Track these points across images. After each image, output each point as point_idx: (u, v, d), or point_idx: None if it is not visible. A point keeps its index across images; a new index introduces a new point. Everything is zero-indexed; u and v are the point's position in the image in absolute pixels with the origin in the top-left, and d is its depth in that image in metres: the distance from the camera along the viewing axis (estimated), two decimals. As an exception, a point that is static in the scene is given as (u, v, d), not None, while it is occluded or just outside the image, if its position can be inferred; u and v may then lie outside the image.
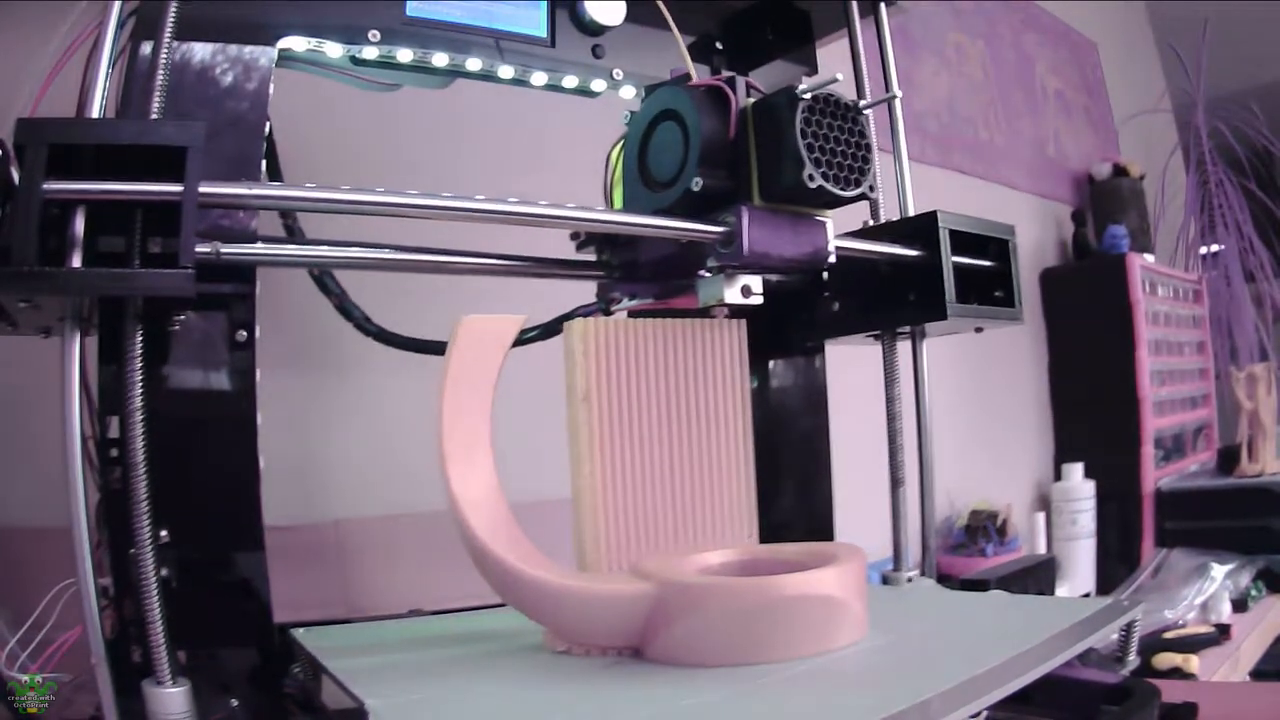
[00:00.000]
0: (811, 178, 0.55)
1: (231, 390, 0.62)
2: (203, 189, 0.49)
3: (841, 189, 0.56)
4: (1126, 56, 2.89)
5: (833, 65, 0.87)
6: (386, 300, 0.81)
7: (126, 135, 0.48)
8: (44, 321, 0.54)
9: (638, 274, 0.70)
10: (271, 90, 0.65)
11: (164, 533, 0.56)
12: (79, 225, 0.47)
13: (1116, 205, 2.31)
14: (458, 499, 0.54)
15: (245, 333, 0.63)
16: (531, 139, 1.14)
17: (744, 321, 0.68)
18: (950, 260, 0.72)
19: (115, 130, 0.50)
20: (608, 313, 0.70)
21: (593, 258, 0.73)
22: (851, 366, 0.95)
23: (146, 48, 0.58)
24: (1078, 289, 2.16)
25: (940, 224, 0.72)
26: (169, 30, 0.55)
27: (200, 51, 0.62)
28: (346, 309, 0.79)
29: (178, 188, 0.48)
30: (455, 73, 0.76)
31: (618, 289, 0.71)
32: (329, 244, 0.65)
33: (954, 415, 1.79)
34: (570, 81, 0.79)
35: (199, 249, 0.51)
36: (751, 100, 0.59)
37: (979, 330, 0.79)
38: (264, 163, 0.66)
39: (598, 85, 0.81)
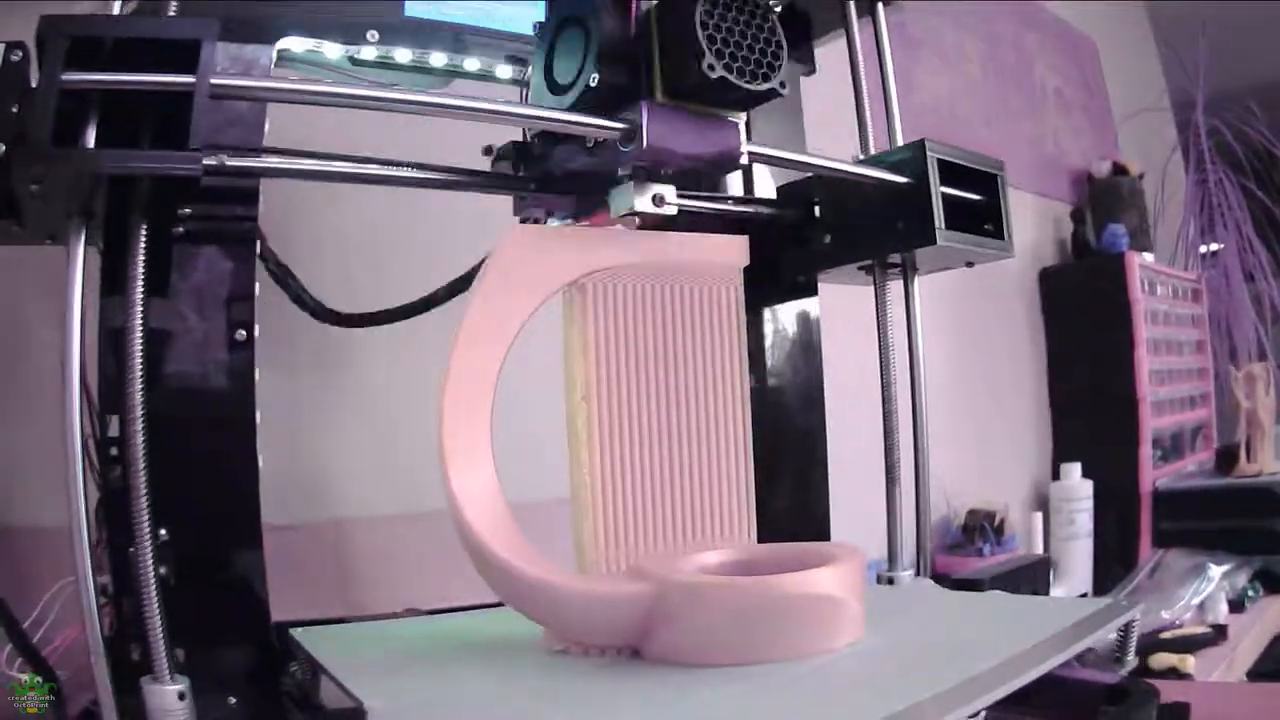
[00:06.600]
0: (712, 68, 0.53)
1: (231, 390, 0.63)
2: (214, 80, 0.49)
3: (747, 82, 0.55)
4: (1126, 55, 2.89)
5: (832, 64, 0.88)
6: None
7: (145, 29, 0.50)
8: (52, 219, 0.54)
9: (553, 187, 0.69)
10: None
11: (163, 531, 0.56)
12: (93, 119, 0.48)
13: (1116, 204, 2.30)
14: (457, 495, 0.54)
15: (245, 332, 0.63)
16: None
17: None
18: (939, 189, 0.72)
19: (133, 25, 0.51)
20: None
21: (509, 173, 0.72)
22: (841, 364, 0.95)
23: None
24: (1076, 288, 2.15)
25: (929, 153, 0.72)
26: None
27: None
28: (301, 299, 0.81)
29: (190, 79, 0.48)
30: (453, 73, 0.76)
31: (533, 203, 0.70)
32: (335, 158, 0.65)
33: (951, 414, 1.79)
34: (568, 81, 0.79)
35: (205, 161, 0.52)
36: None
37: (970, 265, 0.79)
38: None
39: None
